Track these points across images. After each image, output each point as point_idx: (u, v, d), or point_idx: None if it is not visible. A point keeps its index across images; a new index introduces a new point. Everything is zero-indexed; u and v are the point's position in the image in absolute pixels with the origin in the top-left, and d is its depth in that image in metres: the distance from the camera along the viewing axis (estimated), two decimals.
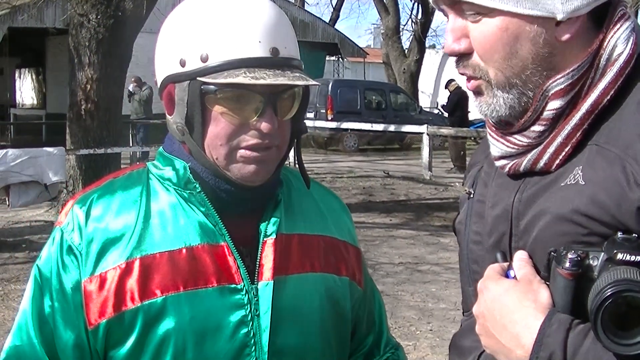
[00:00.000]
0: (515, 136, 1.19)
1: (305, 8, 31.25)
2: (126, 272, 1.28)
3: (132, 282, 1.28)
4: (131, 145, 15.18)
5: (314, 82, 1.30)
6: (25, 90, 31.38)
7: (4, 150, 8.79)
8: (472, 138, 19.62)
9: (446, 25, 1.20)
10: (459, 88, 17.46)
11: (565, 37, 1.13)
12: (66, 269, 1.31)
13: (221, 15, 1.28)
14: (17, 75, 30.96)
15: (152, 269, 1.28)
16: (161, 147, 1.41)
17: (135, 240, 1.30)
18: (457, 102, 17.35)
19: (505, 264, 1.17)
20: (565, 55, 1.14)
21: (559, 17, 1.11)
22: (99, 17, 9.53)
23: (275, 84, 1.25)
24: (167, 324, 1.28)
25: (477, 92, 1.21)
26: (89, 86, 9.65)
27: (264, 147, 1.29)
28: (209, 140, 1.30)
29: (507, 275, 1.14)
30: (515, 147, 1.19)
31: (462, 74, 1.21)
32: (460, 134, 15.91)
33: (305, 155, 18.26)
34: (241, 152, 1.29)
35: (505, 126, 1.21)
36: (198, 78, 1.26)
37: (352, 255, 1.49)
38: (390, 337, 1.62)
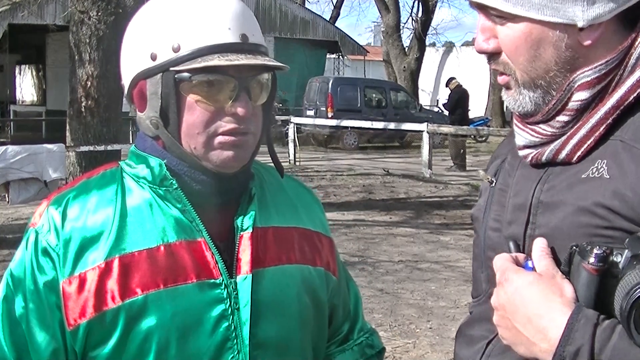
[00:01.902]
0: (540, 125, 1.22)
1: (306, 6, 31.24)
2: (106, 271, 1.28)
3: (112, 282, 1.28)
4: (131, 142, 15.19)
5: (286, 66, 1.34)
6: (26, 86, 31.40)
7: (4, 147, 8.80)
8: (472, 136, 19.66)
9: (477, 24, 1.24)
10: (459, 86, 17.47)
11: (588, 41, 1.16)
12: (41, 270, 1.30)
13: (189, 7, 1.31)
14: (17, 71, 30.98)
15: (131, 268, 1.28)
16: (133, 146, 1.41)
17: (113, 239, 1.29)
18: (458, 100, 17.36)
19: (518, 254, 1.18)
20: (589, 58, 1.17)
21: (580, 24, 1.14)
22: (99, 14, 9.53)
23: (251, 63, 1.28)
24: (149, 322, 1.28)
25: (506, 87, 1.25)
26: (89, 83, 9.64)
27: (240, 132, 1.31)
28: (185, 130, 1.31)
29: (524, 266, 1.15)
30: (540, 136, 1.22)
31: (494, 70, 1.25)
32: (460, 132, 15.92)
33: (305, 152, 18.44)
34: (219, 138, 1.30)
35: (529, 115, 1.24)
36: (171, 68, 1.29)
37: (325, 245, 1.51)
38: (365, 323, 1.64)
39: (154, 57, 1.30)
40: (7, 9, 19.52)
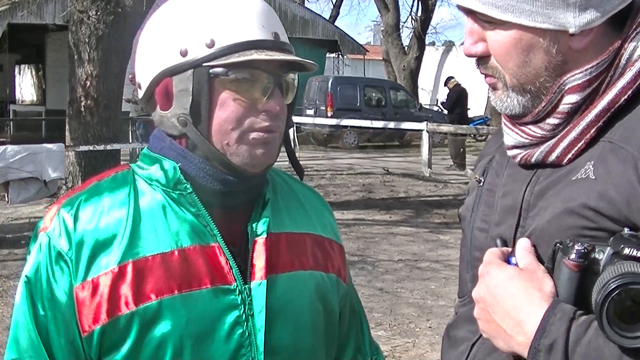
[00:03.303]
0: (530, 127, 1.21)
1: (306, 5, 31.22)
2: (119, 276, 1.26)
3: (125, 287, 1.26)
4: (131, 141, 15.18)
5: (315, 64, 1.34)
6: (25, 86, 31.39)
7: (4, 147, 8.79)
8: (472, 135, 19.68)
9: (464, 28, 1.22)
10: (458, 85, 17.46)
11: (579, 46, 1.15)
12: (56, 276, 1.28)
13: (220, 4, 1.30)
14: (17, 71, 30.98)
15: (145, 272, 1.27)
16: (145, 148, 1.39)
17: (126, 243, 1.27)
18: (457, 99, 17.35)
19: (505, 249, 1.18)
20: (579, 61, 1.16)
21: (572, 30, 1.13)
22: (98, 13, 9.53)
23: (289, 59, 1.29)
24: (163, 328, 1.26)
25: (493, 87, 1.23)
26: (88, 82, 9.65)
27: (272, 129, 1.30)
28: (217, 126, 1.29)
29: (508, 262, 1.15)
30: (529, 137, 1.21)
31: (482, 74, 1.24)
32: (460, 131, 15.93)
33: (305, 152, 18.44)
34: (253, 134, 1.29)
35: (518, 116, 1.22)
36: (204, 64, 1.27)
37: (336, 252, 1.50)
38: (371, 337, 1.63)
39: (184, 54, 1.28)
40: (7, 8, 19.51)
